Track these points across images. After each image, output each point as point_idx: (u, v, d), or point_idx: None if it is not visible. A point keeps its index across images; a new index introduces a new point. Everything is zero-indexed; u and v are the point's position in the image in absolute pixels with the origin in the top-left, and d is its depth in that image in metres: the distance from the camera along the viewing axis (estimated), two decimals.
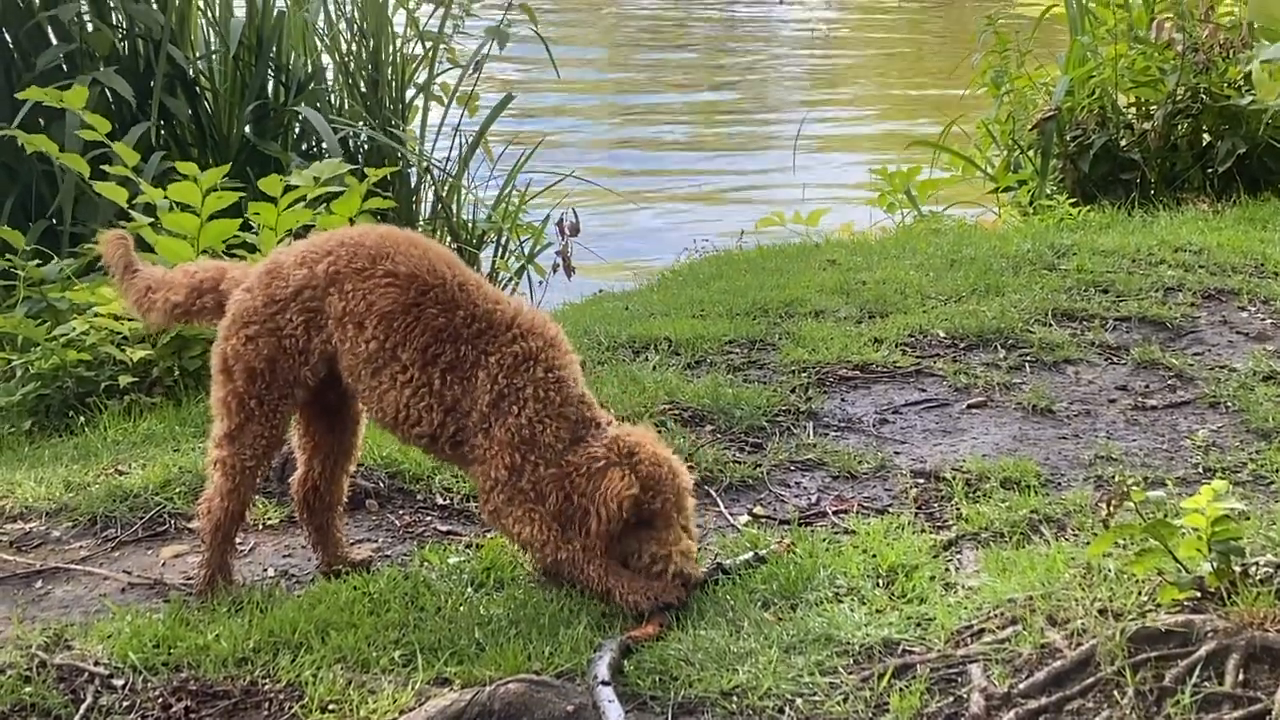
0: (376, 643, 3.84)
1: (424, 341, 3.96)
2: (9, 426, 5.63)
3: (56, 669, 3.74)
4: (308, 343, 4.03)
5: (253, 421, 4.07)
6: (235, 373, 4.05)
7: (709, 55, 19.05)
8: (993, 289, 6.60)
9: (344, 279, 4.01)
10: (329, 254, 4.06)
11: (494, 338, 3.97)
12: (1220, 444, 5.19)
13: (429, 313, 3.97)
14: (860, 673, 3.64)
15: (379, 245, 4.07)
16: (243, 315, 4.06)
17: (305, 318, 4.02)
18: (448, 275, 4.04)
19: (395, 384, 3.98)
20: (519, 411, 3.92)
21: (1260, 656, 3.38)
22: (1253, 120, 8.79)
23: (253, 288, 4.09)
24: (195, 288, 4.25)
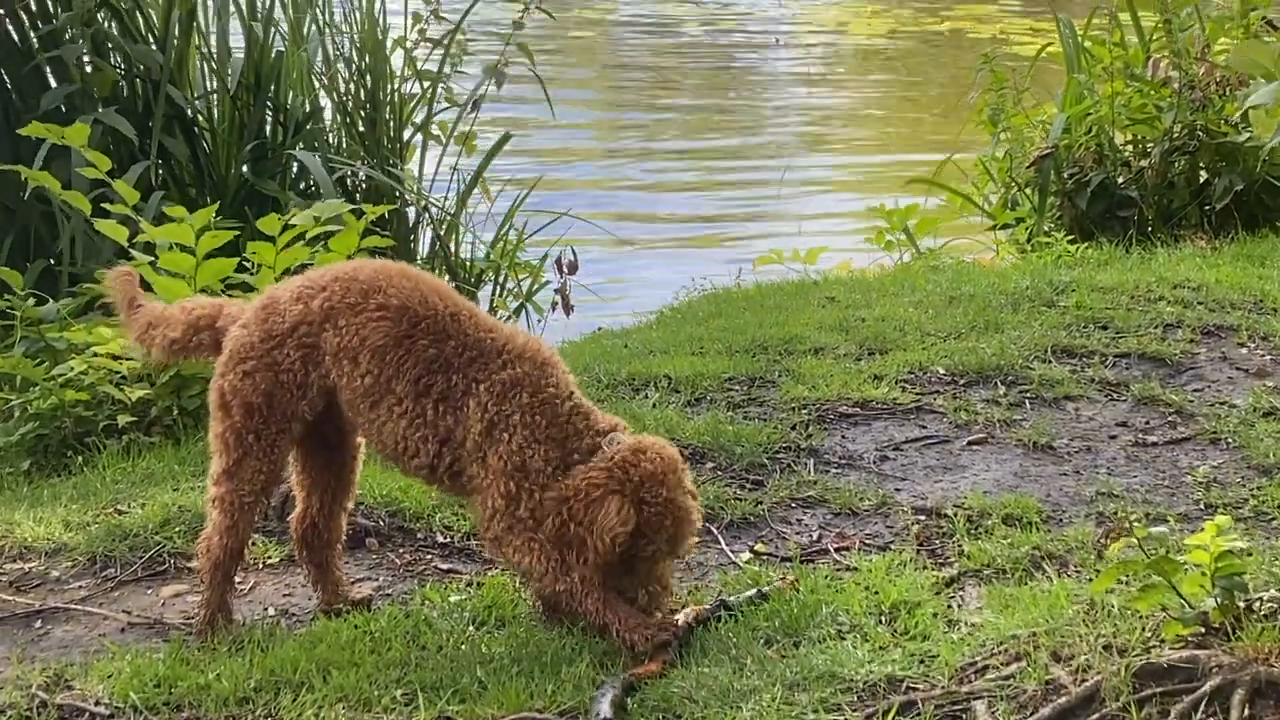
0: (378, 681, 3.82)
1: (416, 373, 3.96)
2: (7, 467, 5.63)
3: (57, 709, 3.72)
4: (305, 377, 4.03)
5: (250, 457, 4.06)
6: (233, 408, 4.05)
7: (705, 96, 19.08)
8: (992, 326, 6.60)
9: (338, 314, 4.01)
10: (323, 289, 4.07)
11: (484, 365, 3.95)
12: (1221, 480, 5.18)
13: (420, 344, 3.97)
14: (864, 710, 3.63)
15: (372, 279, 4.07)
16: (240, 351, 4.06)
17: (302, 353, 4.02)
18: (439, 306, 4.03)
19: (392, 416, 3.98)
20: (510, 439, 3.90)
21: (1265, 692, 3.38)
22: (1250, 157, 8.81)
23: (249, 324, 4.09)
24: (192, 324, 4.26)
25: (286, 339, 4.03)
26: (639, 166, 15.25)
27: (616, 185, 14.16)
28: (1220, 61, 9.19)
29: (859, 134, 17.42)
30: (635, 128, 17.08)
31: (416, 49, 7.81)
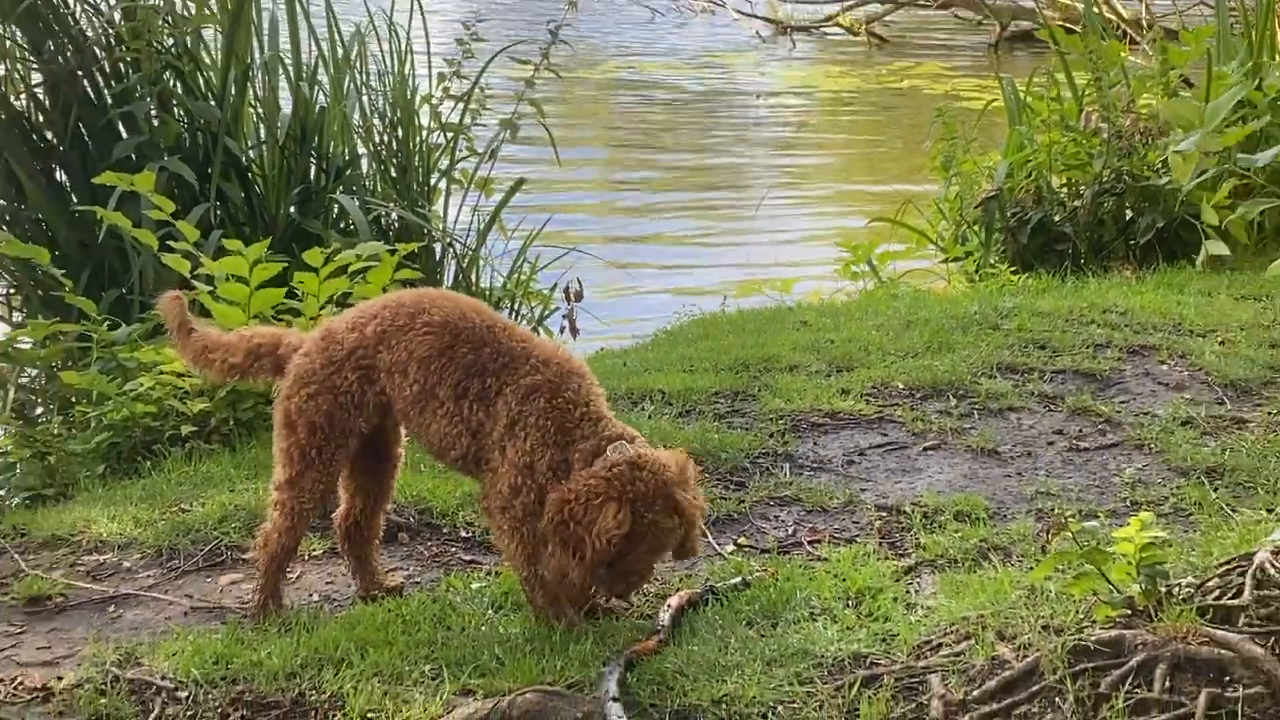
0: (409, 658, 3.84)
1: (456, 378, 3.98)
2: (85, 471, 5.64)
3: (128, 683, 3.74)
4: (362, 397, 4.06)
5: (312, 469, 4.09)
6: (298, 426, 4.07)
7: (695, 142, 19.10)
8: (944, 346, 6.61)
9: (390, 336, 4.05)
10: (375, 317, 4.11)
11: (513, 370, 3.96)
12: (1145, 481, 5.19)
13: (460, 352, 3.99)
14: (833, 682, 3.64)
15: (416, 303, 4.12)
16: (303, 376, 4.09)
17: (359, 374, 4.06)
18: (476, 320, 4.06)
19: (436, 417, 4.01)
20: (525, 438, 3.92)
21: (1184, 666, 3.38)
22: (1169, 198, 8.82)
23: (310, 352, 4.13)
24: (253, 351, 4.27)
25: (345, 363, 4.06)
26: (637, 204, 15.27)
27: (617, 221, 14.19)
28: (1144, 114, 9.21)
29: (828, 178, 17.42)
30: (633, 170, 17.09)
31: (441, 105, 7.80)
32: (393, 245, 6.15)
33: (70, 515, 5.04)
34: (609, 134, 19.16)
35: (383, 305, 4.17)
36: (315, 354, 4.12)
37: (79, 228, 6.80)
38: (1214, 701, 3.30)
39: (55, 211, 6.99)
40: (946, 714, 3.46)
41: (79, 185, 7.00)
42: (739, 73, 24.15)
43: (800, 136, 19.95)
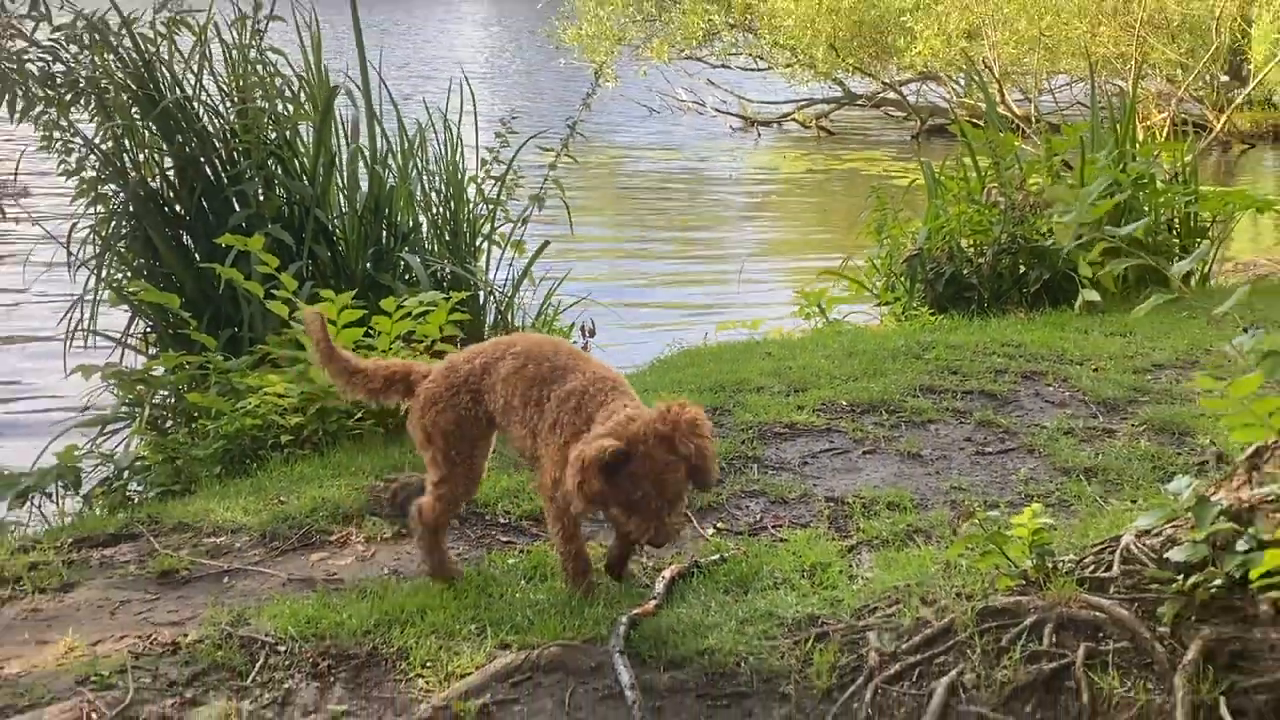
0: (459, 619, 3.84)
1: (523, 389, 3.99)
2: (205, 471, 5.64)
3: (239, 639, 3.74)
4: (477, 410, 4.08)
5: (457, 468, 4.12)
6: (435, 438, 4.10)
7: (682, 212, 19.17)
8: (878, 372, 6.61)
9: (489, 365, 4.08)
10: (482, 352, 4.16)
11: (560, 381, 3.95)
12: (1036, 478, 5.20)
13: (528, 370, 4.00)
14: (793, 638, 3.64)
15: (510, 341, 4.17)
16: (432, 398, 4.12)
17: (471, 394, 4.08)
18: (547, 348, 4.08)
19: (513, 422, 4.03)
20: (560, 434, 3.89)
21: (1067, 625, 3.39)
22: (1053, 257, 8.85)
23: (437, 379, 4.15)
24: (389, 379, 4.28)
25: (461, 387, 4.09)
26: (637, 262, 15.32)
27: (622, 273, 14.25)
28: (1033, 191, 9.24)
29: (789, 240, 17.48)
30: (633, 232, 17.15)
31: (483, 183, 7.82)
32: (446, 293, 6.16)
33: (193, 506, 5.04)
34: (615, 205, 19.22)
35: (491, 344, 4.21)
36: (440, 381, 4.15)
37: (202, 280, 6.80)
38: (1090, 653, 3.29)
39: (183, 268, 6.99)
40: (881, 663, 3.46)
41: (201, 247, 7.01)
42: (717, 158, 24.22)
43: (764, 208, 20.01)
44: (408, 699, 3.48)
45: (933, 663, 3.40)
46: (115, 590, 4.31)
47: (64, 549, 4.66)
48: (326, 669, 3.61)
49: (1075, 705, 3.20)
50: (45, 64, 6.29)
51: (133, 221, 7.10)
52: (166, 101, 6.95)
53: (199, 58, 7.14)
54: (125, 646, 3.79)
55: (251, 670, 3.60)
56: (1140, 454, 5.38)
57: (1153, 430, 5.75)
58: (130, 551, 4.66)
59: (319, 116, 7.23)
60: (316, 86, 7.27)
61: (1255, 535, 3.35)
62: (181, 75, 7.10)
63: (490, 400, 4.07)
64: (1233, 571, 3.33)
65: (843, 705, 3.37)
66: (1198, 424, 5.70)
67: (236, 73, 7.17)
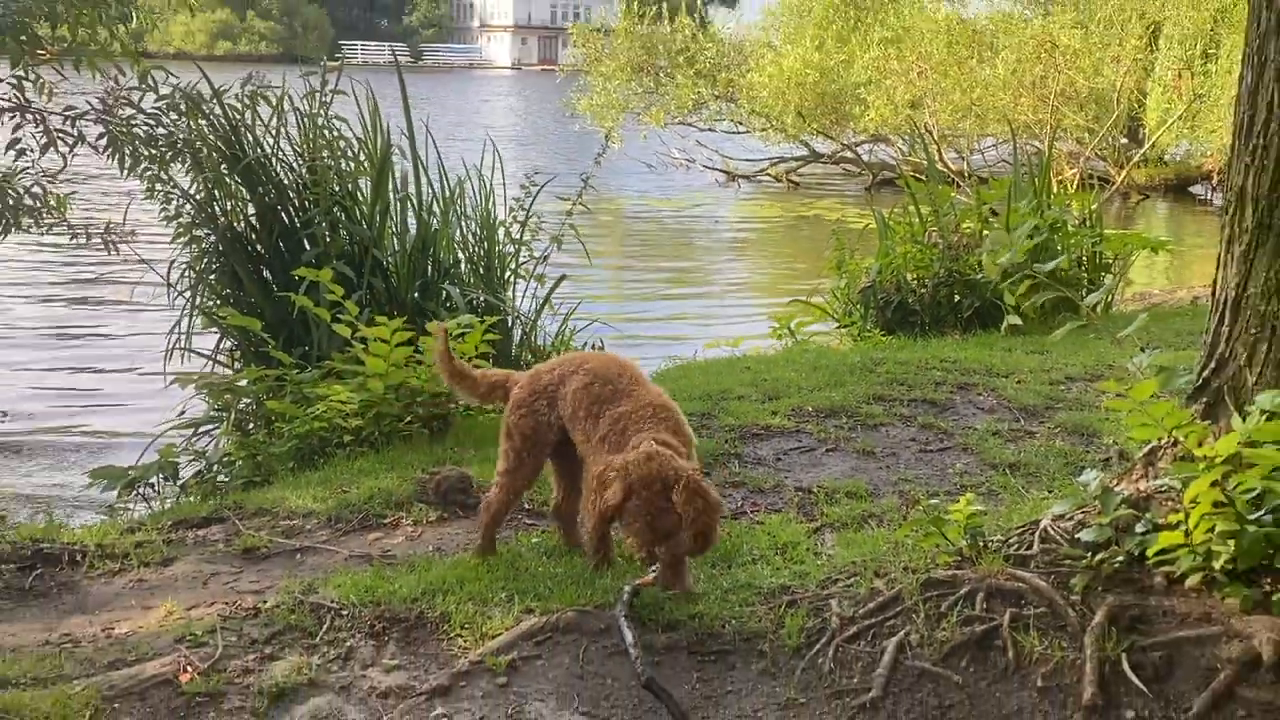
0: (491, 588, 3.84)
1: (587, 404, 3.94)
2: (281, 465, 5.64)
3: (309, 605, 3.75)
4: (551, 416, 4.03)
5: (523, 465, 4.08)
6: (514, 436, 4.07)
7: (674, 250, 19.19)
8: (838, 383, 6.61)
9: (565, 377, 4.03)
10: (560, 365, 4.11)
11: (614, 403, 3.89)
12: (969, 472, 5.20)
13: (594, 388, 3.94)
14: (768, 605, 3.64)
15: (584, 358, 4.12)
16: (518, 403, 4.09)
17: (548, 401, 4.04)
18: (613, 371, 4.00)
19: (576, 429, 3.98)
20: (605, 449, 3.84)
21: (995, 594, 3.39)
22: (983, 288, 8.85)
23: (524, 386, 4.12)
24: (491, 385, 4.27)
25: (541, 395, 4.05)
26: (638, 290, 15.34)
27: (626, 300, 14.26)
28: (966, 233, 9.25)
29: (763, 273, 17.49)
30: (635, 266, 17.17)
31: (511, 227, 7.83)
32: (481, 318, 6.16)
33: (271, 495, 5.05)
34: (621, 245, 19.23)
35: (567, 359, 4.16)
36: (525, 388, 4.11)
37: (278, 307, 6.80)
38: (1015, 617, 3.30)
39: (263, 297, 7.00)
40: (841, 625, 3.46)
41: (278, 279, 7.01)
42: (704, 206, 24.24)
43: (744, 247, 20.02)
44: (449, 655, 3.49)
45: (884, 625, 3.40)
46: (207, 564, 4.31)
47: (164, 530, 4.67)
48: (381, 630, 3.61)
49: (1003, 660, 3.21)
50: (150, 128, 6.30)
51: (221, 259, 7.11)
52: (249, 159, 6.97)
53: (276, 124, 7.16)
54: (215, 611, 3.80)
55: (320, 631, 3.60)
56: (1055, 452, 5.38)
57: (1066, 432, 5.75)
58: (219, 532, 4.67)
59: (375, 172, 7.25)
60: (373, 147, 7.29)
61: (1151, 520, 3.36)
62: (262, 138, 7.11)
63: (562, 408, 4.02)
64: (1132, 549, 3.34)
65: (810, 660, 3.38)
66: (1103, 427, 5.71)
67: (307, 136, 7.19)
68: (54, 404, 9.58)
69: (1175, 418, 3.23)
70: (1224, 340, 3.39)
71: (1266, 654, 2.98)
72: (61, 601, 4.03)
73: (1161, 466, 3.47)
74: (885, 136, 25.57)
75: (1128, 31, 23.29)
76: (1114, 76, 22.95)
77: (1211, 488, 3.12)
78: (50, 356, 11.07)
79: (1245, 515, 3.13)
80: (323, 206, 7.03)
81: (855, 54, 25.73)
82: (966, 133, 23.71)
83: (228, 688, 3.29)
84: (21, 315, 12.77)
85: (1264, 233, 3.27)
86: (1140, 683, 3.04)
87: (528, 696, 3.28)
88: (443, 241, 7.43)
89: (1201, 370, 3.45)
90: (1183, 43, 23.10)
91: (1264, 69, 3.27)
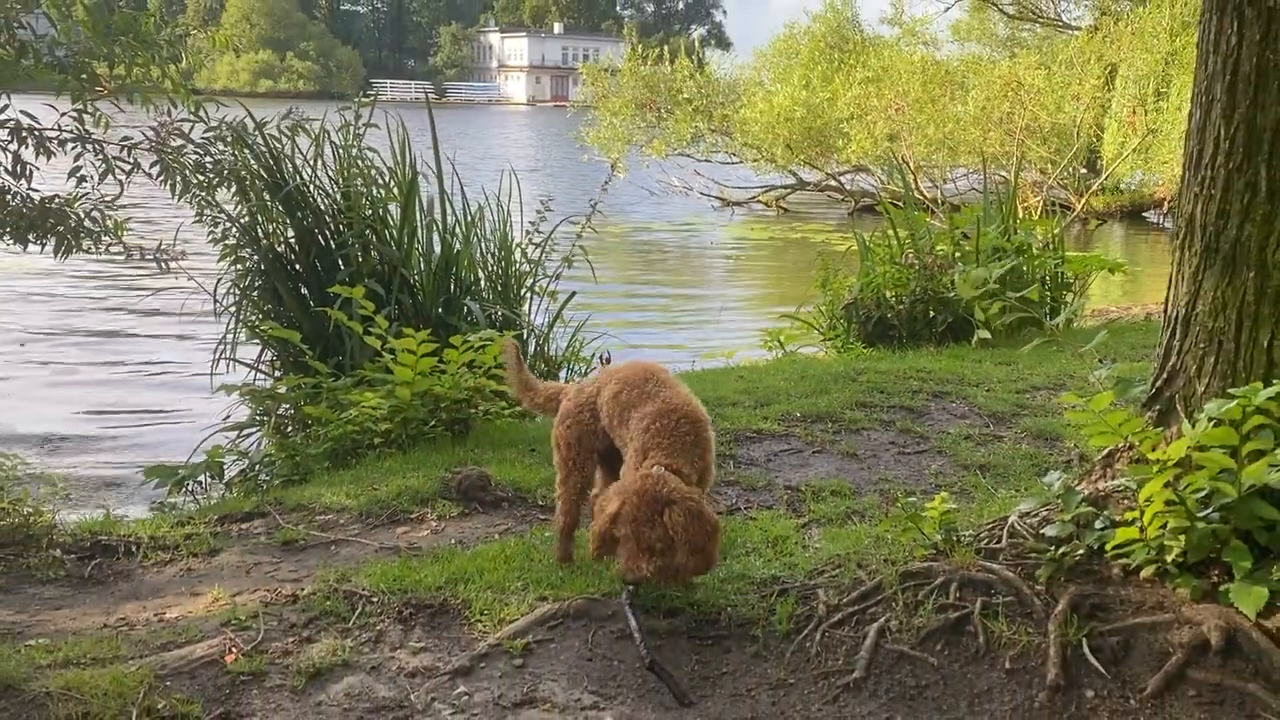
0: (509, 577, 3.84)
1: (619, 410, 3.83)
2: (317, 465, 5.63)
3: (343, 592, 3.74)
4: (595, 425, 3.94)
5: (574, 473, 3.97)
6: (563, 446, 3.97)
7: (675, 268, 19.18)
8: (824, 391, 6.62)
9: (603, 388, 3.94)
10: (600, 379, 4.01)
11: (642, 407, 3.75)
12: (943, 473, 5.19)
13: (623, 395, 3.83)
14: (760, 593, 3.63)
15: (618, 368, 3.99)
16: (565, 414, 4.01)
17: (590, 412, 3.95)
18: (642, 377, 3.86)
19: (615, 434, 3.87)
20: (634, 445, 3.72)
21: (967, 584, 3.38)
22: (955, 305, 8.85)
23: (571, 398, 4.05)
24: (550, 396, 4.24)
25: (585, 406, 3.97)
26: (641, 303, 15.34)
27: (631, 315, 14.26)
28: (940, 256, 9.25)
29: (757, 290, 17.49)
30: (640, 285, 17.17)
31: (526, 248, 7.84)
32: (500, 331, 6.17)
33: (308, 491, 5.05)
34: (626, 264, 19.23)
35: (608, 372, 4.02)
36: (573, 400, 4.03)
37: (315, 321, 6.80)
38: (985, 605, 3.29)
39: (301, 311, 7.00)
40: (828, 612, 3.45)
41: (315, 296, 7.01)
42: (701, 229, 24.26)
43: (737, 267, 20.02)
44: (470, 638, 3.48)
45: (866, 612, 3.40)
46: (249, 555, 4.32)
47: (211, 523, 4.67)
48: (409, 615, 3.61)
49: (974, 644, 3.20)
50: (199, 156, 6.31)
51: (263, 277, 7.13)
52: (289, 187, 6.99)
53: (314, 154, 7.18)
54: (257, 598, 3.80)
55: (352, 616, 3.60)
56: (1022, 454, 5.38)
57: (1031, 436, 5.75)
58: (261, 526, 4.67)
59: (403, 198, 7.26)
60: (401, 175, 7.30)
61: (1109, 517, 3.36)
62: (301, 167, 7.13)
63: (603, 416, 3.92)
64: (1092, 544, 3.33)
65: (799, 644, 3.37)
66: (1065, 432, 5.70)
67: (342, 165, 7.21)
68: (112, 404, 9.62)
69: (1131, 425, 3.23)
70: (1175, 354, 3.39)
71: (1214, 639, 2.97)
72: (117, 588, 4.04)
73: (1118, 469, 3.47)
74: (866, 167, 25.62)
75: (1087, 72, 23.32)
76: (1074, 113, 22.99)
77: (1164, 488, 3.12)
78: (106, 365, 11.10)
79: (1195, 513, 3.13)
80: (356, 229, 7.04)
81: (839, 92, 25.77)
82: (940, 163, 23.75)
83: (269, 667, 3.29)
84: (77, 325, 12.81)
85: (1211, 256, 3.28)
86: (1099, 665, 3.04)
87: (542, 677, 3.28)
88: (464, 261, 7.43)
89: (1155, 381, 3.46)
90: (1137, 82, 23.12)
91: (1211, 108, 3.28)
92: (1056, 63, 24.23)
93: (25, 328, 12.47)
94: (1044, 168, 23.57)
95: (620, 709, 3.12)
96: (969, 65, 25.34)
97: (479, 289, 7.49)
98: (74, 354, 11.48)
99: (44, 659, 3.28)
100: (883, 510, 4.53)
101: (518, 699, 3.16)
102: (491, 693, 3.19)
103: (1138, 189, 25.50)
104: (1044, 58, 24.67)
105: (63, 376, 10.53)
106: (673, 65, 28.89)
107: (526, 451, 5.51)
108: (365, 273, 6.91)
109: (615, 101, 28.63)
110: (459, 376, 5.76)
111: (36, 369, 10.77)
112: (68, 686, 3.06)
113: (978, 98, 22.69)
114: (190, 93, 5.89)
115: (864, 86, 24.76)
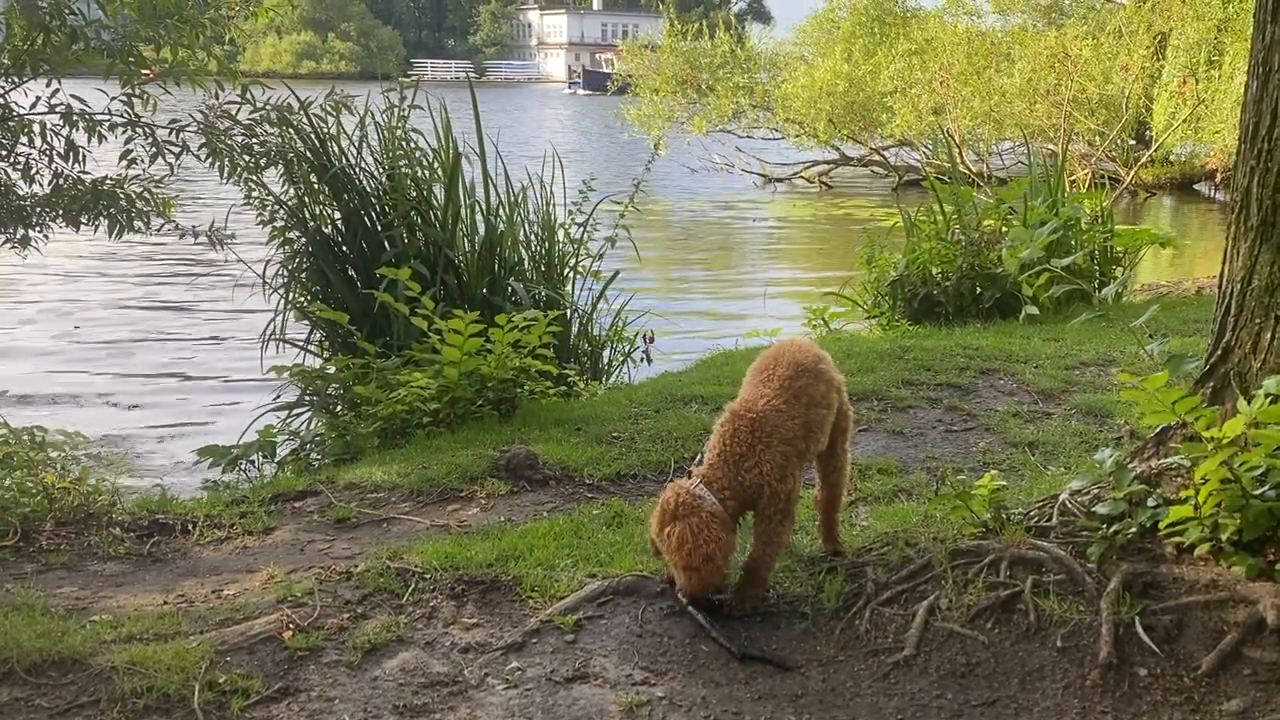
0: (558, 555, 3.87)
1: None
2: (367, 444, 5.70)
3: (395, 569, 3.78)
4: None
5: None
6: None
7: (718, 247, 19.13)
8: (869, 369, 6.59)
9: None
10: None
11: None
12: (992, 450, 5.15)
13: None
14: (809, 570, 3.64)
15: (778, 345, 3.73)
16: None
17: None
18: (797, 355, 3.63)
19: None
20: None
21: (1018, 562, 3.37)
22: (1003, 280, 8.77)
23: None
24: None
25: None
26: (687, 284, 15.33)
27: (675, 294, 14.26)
28: (986, 230, 9.16)
29: (800, 268, 17.41)
30: (683, 264, 17.15)
31: (570, 228, 7.86)
32: (544, 311, 6.19)
33: (359, 470, 5.11)
34: (668, 243, 19.22)
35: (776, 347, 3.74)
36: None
37: (362, 302, 6.86)
38: (1036, 583, 3.28)
39: (349, 292, 7.07)
40: (876, 590, 3.46)
41: (362, 277, 7.09)
42: (743, 206, 24.16)
43: (780, 244, 19.94)
44: (521, 614, 3.52)
45: (916, 590, 3.40)
46: (303, 533, 4.39)
47: (265, 502, 4.75)
48: (461, 591, 3.66)
49: (1025, 622, 3.19)
50: (246, 138, 6.38)
51: (311, 258, 7.21)
52: (335, 169, 7.05)
53: (359, 136, 7.23)
54: (312, 575, 3.86)
55: (405, 592, 3.65)
56: (1071, 432, 5.33)
57: (1081, 413, 5.69)
58: (314, 504, 4.74)
59: (447, 179, 7.30)
60: (445, 156, 7.34)
61: (1162, 495, 3.33)
62: (346, 149, 7.19)
63: None
64: (1144, 522, 3.31)
65: (848, 621, 3.38)
66: (1116, 408, 5.65)
67: (387, 147, 7.26)
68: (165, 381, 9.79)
69: (1185, 403, 3.19)
70: (1230, 329, 3.35)
71: (1270, 618, 2.95)
72: (176, 566, 4.13)
73: (1171, 446, 3.44)
74: (910, 141, 25.35)
75: (1136, 42, 22.88)
76: (1123, 83, 22.59)
77: (1219, 466, 3.09)
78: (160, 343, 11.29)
79: (1250, 491, 3.10)
80: (401, 211, 7.09)
81: (881, 65, 25.53)
82: (985, 137, 23.43)
83: (325, 643, 3.35)
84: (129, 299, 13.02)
85: (1268, 230, 3.23)
86: (1152, 643, 3.02)
87: (592, 652, 3.31)
88: (508, 242, 7.47)
89: (1209, 358, 3.42)
90: (1188, 51, 22.67)
91: (1268, 79, 3.22)
92: (1104, 33, 23.79)
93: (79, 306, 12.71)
94: (1092, 140, 23.23)
95: (671, 684, 3.15)
96: (1014, 36, 24.92)
97: (523, 270, 7.53)
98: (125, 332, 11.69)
99: (108, 634, 3.36)
100: (930, 488, 4.51)
101: (569, 674, 3.20)
102: (544, 668, 3.23)
103: (1187, 160, 25.06)
104: (1091, 27, 24.21)
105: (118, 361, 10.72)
106: (712, 40, 28.73)
107: (572, 431, 5.54)
108: (410, 254, 6.96)
109: (655, 78, 28.52)
110: (505, 356, 5.80)
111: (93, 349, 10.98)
112: (132, 661, 3.13)
113: (1024, 69, 22.33)
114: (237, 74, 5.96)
115: (907, 59, 24.49)
